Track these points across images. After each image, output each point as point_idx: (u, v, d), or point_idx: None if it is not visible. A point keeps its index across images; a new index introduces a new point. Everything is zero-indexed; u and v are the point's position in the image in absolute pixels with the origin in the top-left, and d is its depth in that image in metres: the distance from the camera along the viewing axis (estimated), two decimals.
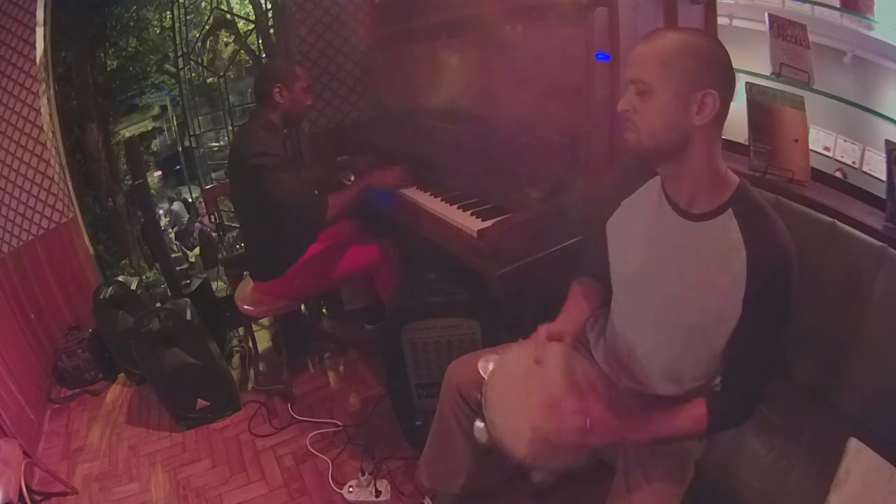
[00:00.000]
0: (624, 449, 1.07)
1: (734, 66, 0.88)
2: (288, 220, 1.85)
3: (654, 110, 0.88)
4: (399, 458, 1.77)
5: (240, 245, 2.52)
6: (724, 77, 0.86)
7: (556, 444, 0.92)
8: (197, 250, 5.36)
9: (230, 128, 3.86)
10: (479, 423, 1.00)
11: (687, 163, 0.91)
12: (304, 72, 1.89)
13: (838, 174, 1.62)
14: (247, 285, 2.14)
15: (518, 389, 1.00)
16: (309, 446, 1.91)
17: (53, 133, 2.63)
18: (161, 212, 6.48)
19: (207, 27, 4.67)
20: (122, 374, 2.51)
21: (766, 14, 1.41)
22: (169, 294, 2.70)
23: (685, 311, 0.97)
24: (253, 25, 3.70)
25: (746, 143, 1.38)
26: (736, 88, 0.89)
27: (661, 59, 0.86)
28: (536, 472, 0.98)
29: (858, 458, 0.98)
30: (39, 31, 2.50)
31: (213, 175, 4.18)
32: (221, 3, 4.51)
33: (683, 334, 1.00)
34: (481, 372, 1.06)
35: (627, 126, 0.92)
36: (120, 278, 2.51)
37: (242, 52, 4.94)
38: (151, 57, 5.46)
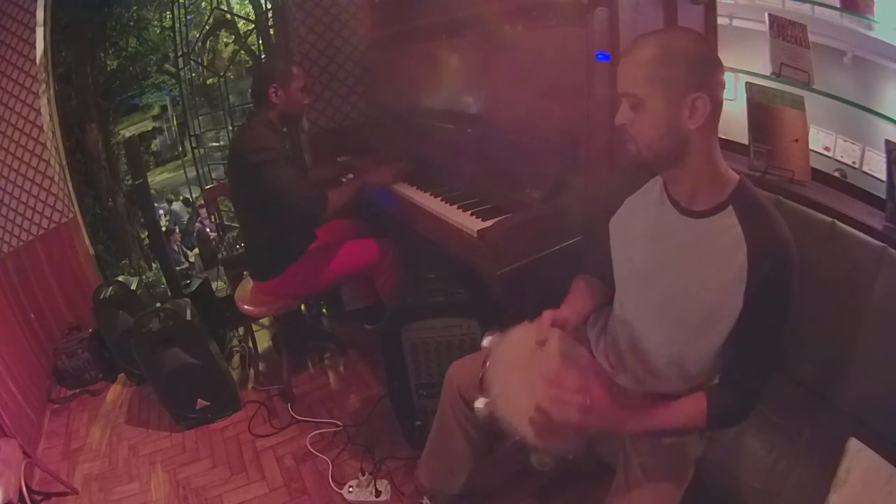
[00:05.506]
0: (622, 440, 1.08)
1: (734, 66, 0.88)
2: (288, 214, 1.85)
3: (648, 122, 0.89)
4: (399, 458, 1.77)
5: (240, 245, 2.52)
6: (710, 76, 0.86)
7: (556, 421, 0.90)
8: (197, 250, 5.37)
9: (230, 128, 3.86)
10: (479, 402, 0.99)
11: (687, 164, 0.92)
12: (300, 71, 1.89)
13: (836, 174, 1.62)
14: (247, 285, 2.14)
15: (521, 369, 0.99)
16: (309, 446, 1.91)
17: (53, 133, 2.63)
18: (161, 212, 6.49)
19: (207, 27, 4.68)
20: (122, 374, 2.51)
21: (766, 14, 1.42)
22: (169, 294, 2.70)
23: (687, 306, 0.98)
24: (253, 25, 3.71)
25: (746, 143, 1.38)
26: (725, 82, 0.90)
27: (646, 69, 0.86)
28: (535, 454, 0.97)
29: (858, 458, 0.98)
30: (39, 31, 2.50)
31: (213, 175, 4.18)
32: (221, 3, 4.51)
33: (685, 330, 1.00)
34: (485, 343, 1.04)
35: (627, 138, 0.93)
36: (120, 278, 2.51)
37: (242, 52, 4.95)
38: (151, 57, 5.48)
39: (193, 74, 4.62)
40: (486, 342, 1.06)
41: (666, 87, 0.86)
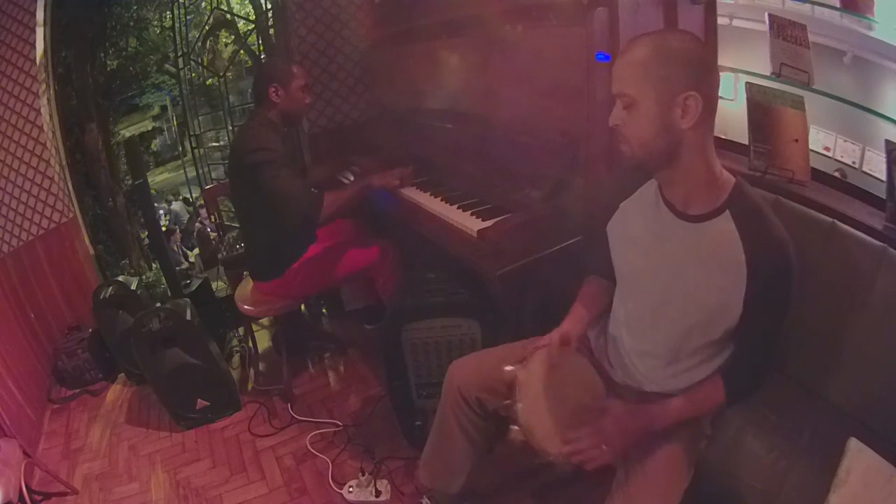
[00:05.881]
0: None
1: (734, 66, 0.89)
2: (282, 215, 1.84)
3: (641, 121, 0.89)
4: (399, 458, 1.77)
5: (240, 245, 2.52)
6: (703, 76, 0.87)
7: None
8: (197, 250, 5.38)
9: (230, 128, 3.86)
10: (515, 432, 1.11)
11: (681, 165, 0.92)
12: (301, 70, 1.89)
13: (836, 174, 1.62)
14: (247, 285, 2.14)
15: (545, 395, 1.07)
16: (309, 446, 1.91)
17: (53, 133, 2.63)
18: (161, 212, 6.49)
19: (207, 27, 4.68)
20: (122, 374, 2.51)
21: (766, 14, 1.41)
22: (169, 294, 2.70)
23: (686, 310, 0.98)
24: (253, 25, 3.71)
25: (746, 143, 1.38)
26: (719, 82, 0.90)
27: (639, 69, 0.87)
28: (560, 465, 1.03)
29: (858, 458, 0.98)
30: (39, 31, 2.50)
31: (213, 175, 4.18)
32: (221, 3, 4.51)
33: (684, 331, 1.00)
34: (513, 372, 1.10)
35: (620, 139, 0.94)
36: (120, 278, 2.51)
37: (242, 52, 4.96)
38: (151, 57, 5.48)
39: (193, 74, 4.62)
40: (507, 375, 1.11)
41: (658, 87, 0.86)
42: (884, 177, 1.22)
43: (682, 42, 0.87)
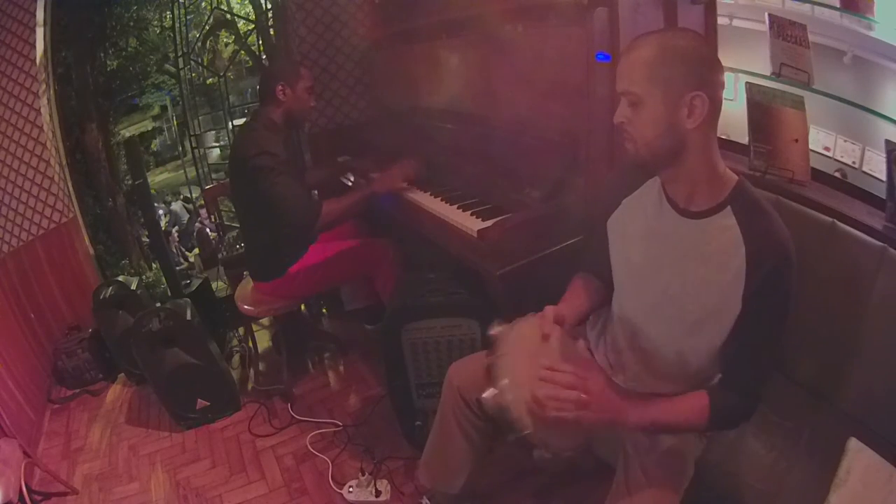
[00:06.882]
0: (622, 439, 1.08)
1: (734, 66, 0.88)
2: (280, 220, 1.85)
3: (646, 120, 0.89)
4: (399, 458, 1.77)
5: (240, 245, 2.52)
6: (709, 75, 0.86)
7: (554, 416, 0.89)
8: (197, 250, 5.38)
9: (230, 128, 3.86)
10: (487, 392, 0.96)
11: (685, 164, 0.92)
12: (308, 73, 1.92)
13: (837, 174, 1.62)
14: (247, 285, 2.14)
15: (526, 360, 0.97)
16: (309, 446, 1.91)
17: (53, 133, 2.63)
18: (161, 212, 6.49)
19: (207, 27, 4.68)
20: (122, 374, 2.51)
21: (766, 14, 1.42)
22: (169, 294, 2.70)
23: (686, 306, 0.98)
24: (253, 25, 3.71)
25: (746, 143, 1.38)
26: (724, 82, 0.90)
27: (645, 68, 0.87)
28: (537, 450, 0.96)
29: (858, 458, 0.98)
30: (39, 31, 2.50)
31: (213, 175, 4.19)
32: (221, 3, 4.51)
33: (684, 330, 1.00)
34: (493, 332, 1.01)
35: (625, 137, 0.94)
36: (120, 278, 2.51)
37: (242, 52, 4.96)
38: (151, 57, 5.48)
39: (193, 74, 4.62)
40: (493, 331, 1.02)
41: (665, 86, 0.86)
42: (884, 177, 1.22)
43: (689, 41, 0.87)
